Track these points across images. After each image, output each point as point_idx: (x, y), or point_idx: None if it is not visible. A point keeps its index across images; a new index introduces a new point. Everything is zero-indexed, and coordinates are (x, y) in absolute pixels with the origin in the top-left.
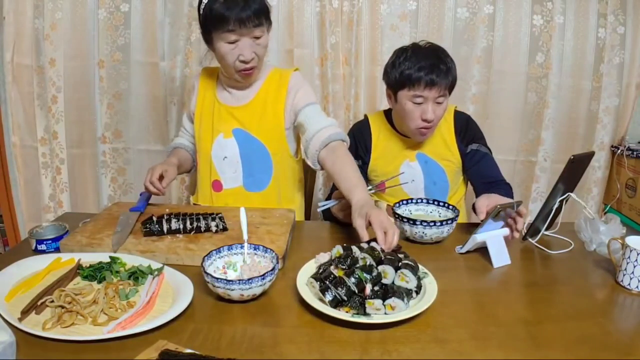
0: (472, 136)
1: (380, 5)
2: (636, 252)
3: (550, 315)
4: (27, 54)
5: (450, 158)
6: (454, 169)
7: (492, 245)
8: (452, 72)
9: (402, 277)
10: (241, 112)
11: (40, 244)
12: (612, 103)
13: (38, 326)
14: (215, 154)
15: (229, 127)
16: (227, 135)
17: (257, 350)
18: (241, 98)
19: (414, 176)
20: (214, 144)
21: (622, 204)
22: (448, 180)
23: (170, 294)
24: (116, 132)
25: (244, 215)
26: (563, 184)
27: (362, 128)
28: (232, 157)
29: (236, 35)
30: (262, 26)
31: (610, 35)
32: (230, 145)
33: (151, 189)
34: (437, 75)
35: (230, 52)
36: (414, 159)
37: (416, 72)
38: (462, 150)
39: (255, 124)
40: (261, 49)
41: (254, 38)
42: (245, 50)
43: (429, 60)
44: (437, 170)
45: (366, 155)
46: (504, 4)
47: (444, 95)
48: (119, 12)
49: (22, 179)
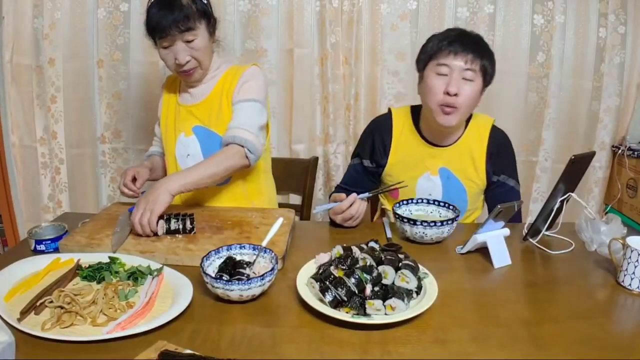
0: (504, 165)
1: (380, 5)
2: (637, 253)
3: (551, 315)
4: (27, 54)
5: (475, 180)
6: (476, 190)
7: (493, 246)
8: (481, 46)
9: (403, 278)
10: (199, 110)
11: (39, 244)
12: (612, 103)
13: (37, 326)
14: (178, 153)
15: (189, 126)
16: (188, 134)
17: (256, 351)
18: (198, 95)
19: (431, 190)
20: (177, 143)
21: (623, 204)
22: (467, 201)
23: (170, 294)
24: (115, 132)
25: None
26: (564, 184)
27: (383, 124)
28: (195, 154)
29: (168, 41)
30: (193, 30)
31: (611, 35)
32: (191, 143)
33: (125, 191)
34: (463, 43)
35: (166, 56)
36: (436, 172)
37: (443, 41)
38: (490, 175)
39: (214, 119)
40: (197, 51)
41: (186, 42)
42: (179, 54)
43: (457, 32)
44: (458, 189)
45: (383, 157)
46: (505, 4)
47: (472, 70)
48: (119, 12)
49: (21, 179)
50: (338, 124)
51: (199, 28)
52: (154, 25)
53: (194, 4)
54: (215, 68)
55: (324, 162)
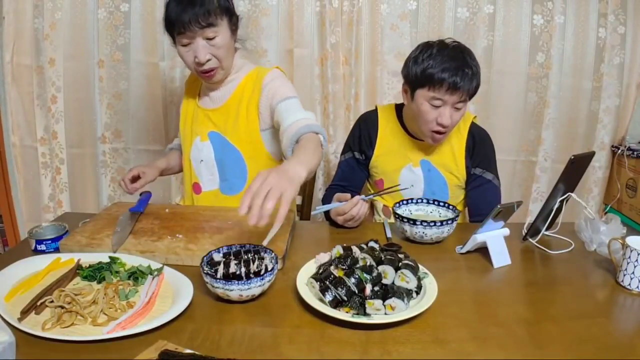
0: (481, 159)
1: (380, 5)
2: (636, 252)
3: (550, 315)
4: (27, 54)
5: (455, 172)
6: (456, 183)
7: (493, 245)
8: (477, 76)
9: (402, 277)
10: (216, 115)
11: (39, 244)
12: (612, 103)
13: (38, 326)
14: (193, 157)
15: (205, 130)
16: (204, 139)
17: (257, 351)
18: (217, 100)
19: (413, 182)
20: (192, 146)
21: (623, 204)
22: (449, 193)
23: (170, 294)
24: (116, 132)
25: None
26: (563, 184)
27: (370, 119)
28: (208, 160)
29: (187, 37)
30: (215, 26)
31: (611, 35)
32: (206, 148)
33: (122, 186)
34: (462, 79)
35: (185, 54)
36: (417, 164)
37: (439, 73)
38: (469, 168)
39: (230, 127)
40: (218, 49)
41: (207, 39)
42: (199, 51)
43: (455, 62)
44: (439, 181)
45: (369, 149)
46: (504, 4)
47: (464, 101)
48: (119, 12)
49: (21, 179)
50: (338, 124)
51: (221, 25)
52: (173, 20)
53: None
54: (237, 69)
55: (324, 162)
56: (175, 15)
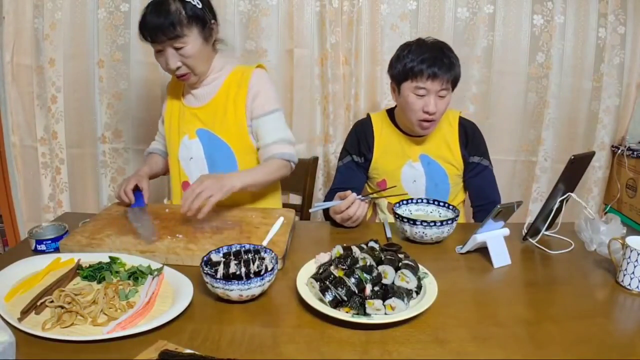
0: (476, 149)
1: (380, 5)
2: (636, 252)
3: (550, 315)
4: (27, 54)
5: (453, 162)
6: (455, 172)
7: (493, 245)
8: (455, 67)
9: (402, 277)
10: (203, 112)
11: (39, 244)
12: (612, 103)
13: (38, 326)
14: (182, 156)
15: (193, 128)
16: (192, 137)
17: (257, 351)
18: (202, 97)
19: (415, 177)
20: (180, 145)
21: (623, 204)
22: (450, 183)
23: (170, 294)
24: (116, 132)
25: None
26: (563, 184)
27: (365, 126)
28: (198, 158)
29: (159, 46)
30: (181, 37)
31: (611, 35)
32: (195, 146)
33: (124, 198)
34: (440, 67)
35: (159, 60)
36: (417, 159)
37: (419, 64)
38: (465, 157)
39: (218, 122)
40: (187, 58)
41: (176, 49)
42: (169, 60)
43: (432, 53)
44: (440, 173)
45: (369, 152)
46: (504, 4)
47: (446, 89)
48: (119, 12)
49: (21, 179)
50: (338, 124)
51: (189, 35)
52: (142, 29)
53: (184, 9)
54: (219, 69)
55: (324, 162)
56: (144, 25)
